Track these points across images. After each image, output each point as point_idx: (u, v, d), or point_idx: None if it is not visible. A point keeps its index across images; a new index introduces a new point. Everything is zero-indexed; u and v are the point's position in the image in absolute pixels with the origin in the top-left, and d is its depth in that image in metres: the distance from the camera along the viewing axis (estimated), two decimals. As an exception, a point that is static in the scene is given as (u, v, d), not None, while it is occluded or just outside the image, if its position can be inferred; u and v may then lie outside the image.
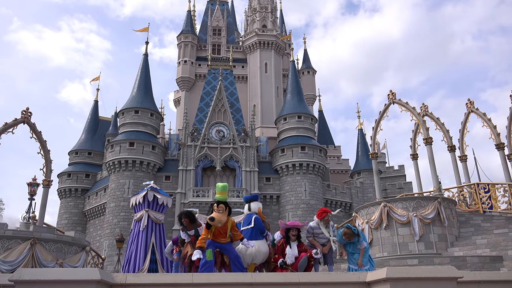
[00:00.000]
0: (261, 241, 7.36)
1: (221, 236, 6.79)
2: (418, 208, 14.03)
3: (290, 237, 7.54)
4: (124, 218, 34.02)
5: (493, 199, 16.02)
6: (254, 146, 38.20)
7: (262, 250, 7.26)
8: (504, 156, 18.19)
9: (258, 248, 7.21)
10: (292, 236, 7.53)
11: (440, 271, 5.27)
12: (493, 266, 10.92)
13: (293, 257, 7.35)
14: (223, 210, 6.73)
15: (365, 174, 42.22)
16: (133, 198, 10.98)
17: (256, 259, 7.26)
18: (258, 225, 7.41)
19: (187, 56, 48.28)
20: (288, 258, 7.32)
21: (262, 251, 7.27)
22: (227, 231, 6.85)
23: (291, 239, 7.54)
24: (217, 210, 6.70)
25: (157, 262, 10.22)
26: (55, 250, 13.40)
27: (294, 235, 7.53)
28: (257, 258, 7.26)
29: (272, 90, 47.82)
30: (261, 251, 7.24)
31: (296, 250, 7.41)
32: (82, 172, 41.19)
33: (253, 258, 7.23)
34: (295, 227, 7.58)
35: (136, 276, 5.22)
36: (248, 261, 7.17)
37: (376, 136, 18.27)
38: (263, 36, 49.33)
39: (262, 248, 7.27)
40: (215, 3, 54.69)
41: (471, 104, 19.40)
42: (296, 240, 7.55)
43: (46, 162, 16.52)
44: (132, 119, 37.48)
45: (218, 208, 6.71)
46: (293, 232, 7.54)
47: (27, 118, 16.33)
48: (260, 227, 7.43)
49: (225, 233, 6.84)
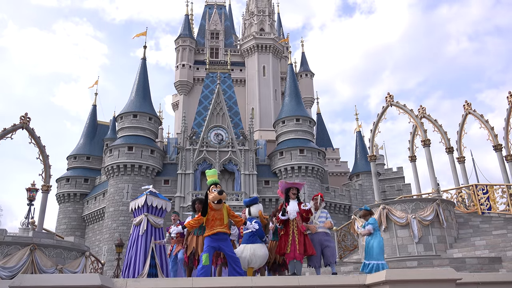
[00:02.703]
0: (259, 245, 7.34)
1: (217, 223, 6.62)
2: (417, 210, 14.05)
3: (290, 195, 7.90)
4: (123, 223, 33.96)
5: (492, 200, 16.04)
6: (252, 149, 38.23)
7: (258, 254, 7.22)
8: (501, 157, 18.23)
9: (253, 252, 7.19)
10: (292, 195, 7.89)
11: (439, 273, 5.30)
12: (492, 267, 10.94)
13: (294, 212, 7.63)
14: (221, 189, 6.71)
15: (364, 176, 42.27)
16: (133, 202, 10.98)
17: (253, 263, 7.21)
18: (258, 231, 7.44)
19: (185, 60, 48.38)
20: (290, 214, 7.60)
21: (258, 254, 7.23)
22: (224, 218, 6.70)
23: (291, 198, 7.88)
24: (216, 189, 6.66)
25: (157, 266, 10.21)
26: (55, 256, 13.37)
27: (294, 193, 7.91)
28: (253, 262, 7.21)
29: (270, 93, 47.91)
30: (257, 254, 7.21)
31: (296, 206, 7.72)
32: (81, 177, 41.13)
33: (249, 262, 7.18)
34: (294, 186, 7.99)
35: (136, 281, 5.23)
36: (244, 265, 7.09)
37: (375, 139, 18.31)
38: (260, 39, 49.46)
39: (258, 251, 7.23)
40: (213, 7, 54.86)
41: (468, 106, 19.46)
42: (295, 199, 7.88)
43: (45, 167, 16.50)
44: (130, 123, 37.49)
45: (217, 188, 6.70)
46: (293, 191, 7.91)
47: (26, 123, 16.31)
48: (260, 233, 7.46)
49: (221, 219, 6.67)
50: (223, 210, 6.74)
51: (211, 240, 6.63)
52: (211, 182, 6.87)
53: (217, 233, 6.60)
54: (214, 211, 6.66)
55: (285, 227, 7.64)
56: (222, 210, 6.73)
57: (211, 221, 6.64)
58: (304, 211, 7.67)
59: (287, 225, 7.61)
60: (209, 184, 6.87)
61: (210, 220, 6.64)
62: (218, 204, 6.61)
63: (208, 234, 6.64)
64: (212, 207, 6.66)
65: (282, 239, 7.62)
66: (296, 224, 7.55)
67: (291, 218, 7.56)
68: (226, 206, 6.86)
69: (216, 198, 6.55)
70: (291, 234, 7.48)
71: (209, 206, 6.67)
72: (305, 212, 7.69)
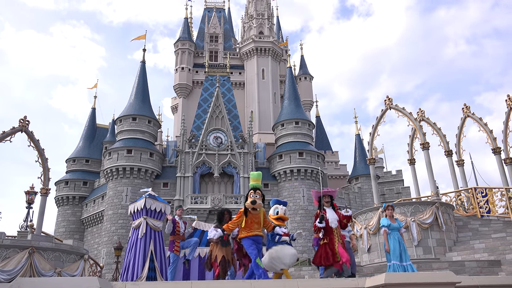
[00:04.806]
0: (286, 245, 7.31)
1: (255, 226, 6.79)
2: (416, 213, 14.06)
3: (324, 203, 7.73)
4: (122, 226, 33.89)
5: (491, 203, 16.06)
6: (251, 152, 38.23)
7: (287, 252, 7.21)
8: (500, 160, 18.26)
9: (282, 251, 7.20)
10: (326, 203, 7.72)
11: (438, 276, 5.30)
12: (491, 270, 10.94)
13: (335, 220, 7.48)
14: (259, 195, 6.79)
15: (363, 179, 42.26)
16: (132, 205, 10.97)
17: (284, 262, 7.14)
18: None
19: (185, 63, 48.45)
20: (332, 223, 7.44)
21: (289, 252, 7.22)
22: (261, 222, 6.87)
23: (325, 206, 7.72)
24: (254, 195, 6.74)
25: (156, 269, 10.18)
26: (53, 259, 13.32)
27: (328, 201, 7.74)
28: (285, 261, 7.15)
29: (270, 96, 47.98)
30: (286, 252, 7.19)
31: (334, 213, 7.58)
32: (80, 180, 41.07)
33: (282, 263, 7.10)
34: (326, 193, 7.80)
35: (135, 284, 5.23)
36: (277, 266, 7.09)
37: (374, 142, 18.34)
38: (260, 42, 49.57)
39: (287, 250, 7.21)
40: (212, 10, 54.98)
41: (467, 109, 19.50)
42: (330, 206, 7.73)
43: (44, 170, 16.49)
44: (129, 126, 37.49)
45: (255, 194, 6.78)
46: (326, 199, 7.74)
47: (25, 126, 16.30)
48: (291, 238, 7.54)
49: (259, 223, 6.83)
50: (260, 215, 6.96)
51: (252, 241, 6.76)
52: (251, 186, 7.03)
53: (256, 236, 6.80)
54: (252, 214, 6.86)
55: (328, 236, 7.46)
56: (260, 215, 6.96)
57: (249, 223, 6.82)
58: (345, 217, 7.61)
59: (331, 234, 7.44)
60: (250, 188, 7.04)
61: (249, 222, 6.82)
62: (255, 210, 6.80)
63: (247, 235, 6.78)
64: (250, 211, 6.86)
65: (326, 248, 7.37)
66: (339, 233, 7.46)
67: (333, 226, 7.42)
68: (264, 212, 7.08)
69: (248, 206, 6.77)
70: (337, 242, 7.35)
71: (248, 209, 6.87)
72: (346, 219, 7.62)
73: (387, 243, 8.10)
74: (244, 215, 6.83)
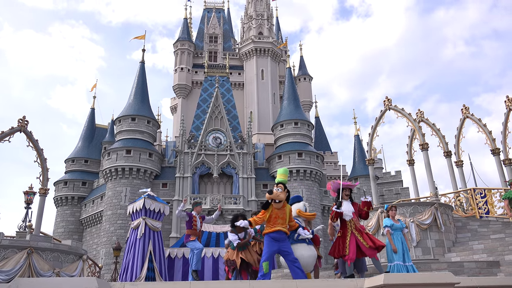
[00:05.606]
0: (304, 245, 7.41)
1: (278, 221, 6.74)
2: (415, 213, 14.06)
3: (343, 196, 7.80)
4: (121, 226, 33.86)
5: (490, 204, 16.07)
6: (251, 153, 38.22)
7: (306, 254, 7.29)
8: (499, 161, 18.28)
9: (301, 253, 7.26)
10: (345, 196, 7.80)
11: (437, 277, 5.30)
12: (490, 271, 10.95)
13: (350, 212, 7.53)
14: (282, 189, 6.80)
15: (362, 180, 42.29)
16: (131, 206, 10.97)
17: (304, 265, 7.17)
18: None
19: (184, 64, 48.43)
20: (346, 215, 7.49)
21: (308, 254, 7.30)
22: (286, 218, 6.83)
23: (343, 198, 7.79)
24: (276, 188, 6.81)
25: (155, 270, 10.18)
26: (52, 259, 13.29)
27: (347, 194, 7.82)
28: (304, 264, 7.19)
29: (269, 96, 47.98)
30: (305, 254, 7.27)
31: (351, 206, 7.64)
32: (79, 180, 41.01)
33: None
34: (347, 187, 7.87)
35: (134, 285, 5.22)
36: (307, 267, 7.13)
37: (373, 142, 18.34)
38: (259, 43, 49.59)
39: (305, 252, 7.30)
40: (211, 10, 54.97)
41: (466, 110, 19.51)
42: (349, 200, 7.80)
43: (43, 170, 16.47)
44: (129, 126, 37.47)
45: (277, 187, 6.83)
46: (346, 192, 7.82)
47: (24, 126, 16.28)
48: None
49: (284, 218, 6.79)
50: (286, 210, 6.90)
51: (271, 240, 6.70)
52: (276, 181, 7.05)
53: (278, 231, 6.71)
54: (276, 209, 6.79)
55: (341, 229, 7.55)
56: (285, 210, 6.90)
57: (273, 218, 6.77)
58: (365, 204, 7.65)
59: (344, 227, 7.51)
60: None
61: (273, 217, 6.77)
62: (278, 203, 6.73)
63: (268, 232, 6.75)
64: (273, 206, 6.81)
65: (339, 241, 7.50)
66: (354, 225, 7.47)
67: (347, 219, 7.48)
68: (290, 209, 7.06)
69: (267, 198, 6.77)
70: (349, 236, 7.37)
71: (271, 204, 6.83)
72: (366, 205, 7.66)
73: (392, 243, 8.09)
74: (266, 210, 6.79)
